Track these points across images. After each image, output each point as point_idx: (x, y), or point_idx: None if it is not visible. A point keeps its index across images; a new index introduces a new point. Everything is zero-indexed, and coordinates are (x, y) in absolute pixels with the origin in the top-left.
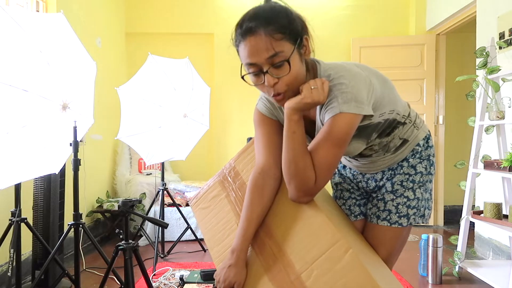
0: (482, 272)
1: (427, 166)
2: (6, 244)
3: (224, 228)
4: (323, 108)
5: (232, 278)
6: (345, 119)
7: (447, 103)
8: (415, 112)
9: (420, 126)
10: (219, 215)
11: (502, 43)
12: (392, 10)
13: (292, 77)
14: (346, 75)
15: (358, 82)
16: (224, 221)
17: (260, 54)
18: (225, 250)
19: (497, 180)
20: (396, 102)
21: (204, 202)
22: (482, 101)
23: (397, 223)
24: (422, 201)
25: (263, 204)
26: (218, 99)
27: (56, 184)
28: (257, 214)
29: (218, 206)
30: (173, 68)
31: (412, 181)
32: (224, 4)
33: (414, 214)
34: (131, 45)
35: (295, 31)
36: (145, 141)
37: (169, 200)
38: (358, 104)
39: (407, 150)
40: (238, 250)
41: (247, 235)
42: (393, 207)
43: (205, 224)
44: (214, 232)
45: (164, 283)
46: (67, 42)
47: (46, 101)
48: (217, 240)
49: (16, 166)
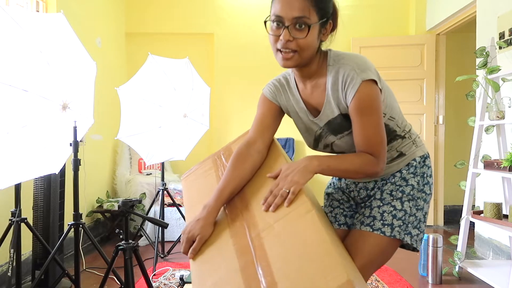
0: (482, 272)
1: (420, 182)
2: (6, 244)
3: (203, 198)
4: (342, 88)
5: (196, 230)
6: (369, 86)
7: (447, 103)
8: (416, 133)
9: (419, 145)
10: (202, 187)
11: (502, 43)
12: (392, 10)
13: (306, 43)
14: (356, 56)
15: (367, 61)
16: (204, 192)
17: (291, 10)
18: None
19: (497, 180)
20: (396, 112)
21: (193, 175)
22: (482, 101)
23: (379, 230)
24: (411, 217)
25: (243, 171)
26: (218, 99)
27: (56, 184)
28: (235, 177)
29: (205, 179)
30: (173, 68)
31: (402, 192)
32: (224, 4)
33: (399, 227)
34: (131, 45)
35: (326, 10)
36: (145, 141)
37: (169, 200)
38: (373, 73)
39: (403, 163)
40: (210, 206)
41: (222, 195)
42: (378, 214)
43: (188, 194)
44: (193, 202)
45: (164, 283)
46: (67, 42)
47: (46, 101)
48: (193, 208)
49: (16, 166)
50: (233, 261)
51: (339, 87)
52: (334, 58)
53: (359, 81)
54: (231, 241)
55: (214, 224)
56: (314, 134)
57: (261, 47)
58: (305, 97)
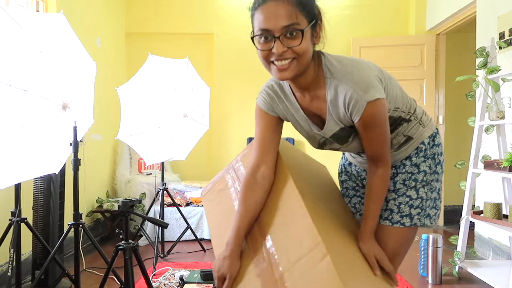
0: (482, 272)
1: (432, 165)
2: (6, 244)
3: (225, 222)
4: (345, 109)
5: (225, 269)
6: (375, 106)
7: (447, 103)
8: (422, 109)
9: (427, 124)
10: (222, 209)
11: (502, 43)
12: (392, 10)
13: (301, 49)
14: (353, 69)
15: (366, 74)
16: (226, 215)
17: (278, 20)
18: (224, 243)
19: (497, 180)
20: (401, 100)
21: (212, 194)
22: (482, 101)
23: (399, 223)
24: (427, 201)
25: (254, 202)
26: (218, 99)
27: (56, 184)
28: (247, 211)
29: (223, 200)
30: (173, 68)
31: (415, 180)
32: (224, 4)
33: (418, 214)
34: (131, 45)
35: (313, 12)
36: (145, 141)
37: (169, 200)
38: (376, 89)
39: (411, 148)
40: (231, 243)
41: (239, 230)
42: (395, 207)
43: (211, 216)
44: (216, 225)
45: (164, 283)
46: (67, 42)
47: (46, 101)
48: (218, 233)
49: (16, 166)
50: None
51: (341, 106)
52: (329, 68)
53: (364, 104)
54: (257, 280)
55: (239, 259)
56: (318, 141)
57: None
58: (305, 106)
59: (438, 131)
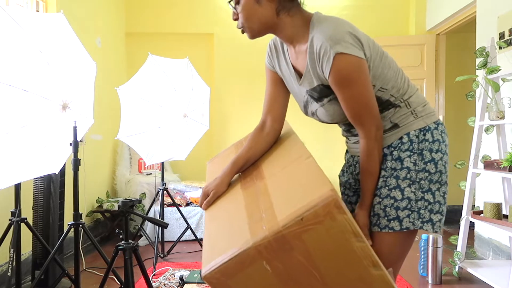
0: (482, 272)
1: (418, 161)
2: (6, 244)
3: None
4: (317, 61)
5: (212, 186)
6: (344, 59)
7: (447, 103)
8: (423, 100)
9: (420, 116)
10: (223, 164)
11: (502, 43)
12: (392, 10)
13: (243, 16)
14: (331, 22)
15: (342, 29)
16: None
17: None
18: None
19: (497, 180)
20: (391, 83)
21: (217, 159)
22: (482, 101)
23: (387, 228)
24: (418, 202)
25: (258, 144)
26: (218, 99)
27: (56, 184)
28: (250, 148)
29: (226, 159)
30: (173, 68)
31: (396, 177)
32: (224, 4)
33: (408, 217)
34: (131, 45)
35: None
36: (145, 141)
37: (169, 200)
38: (347, 44)
39: (394, 136)
40: (226, 171)
41: (238, 161)
42: (381, 211)
43: (210, 170)
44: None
45: (164, 283)
46: (67, 42)
47: (46, 101)
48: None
49: (16, 166)
50: (240, 203)
51: (315, 59)
52: (314, 23)
53: (333, 55)
54: (240, 192)
55: (228, 184)
56: (303, 100)
57: (261, 47)
58: (292, 61)
59: (440, 128)
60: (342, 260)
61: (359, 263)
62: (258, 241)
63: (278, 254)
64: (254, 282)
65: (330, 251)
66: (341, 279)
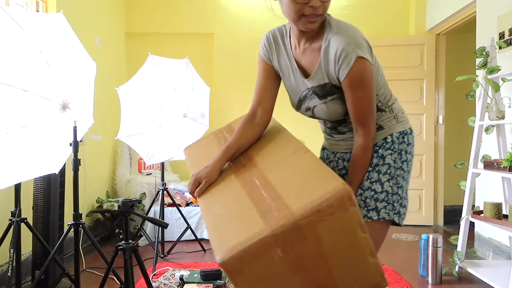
0: (482, 272)
1: (397, 160)
2: (6, 244)
3: (206, 159)
4: (335, 62)
5: (203, 174)
6: (363, 63)
7: (447, 103)
8: (401, 108)
9: (401, 121)
10: (205, 151)
11: (502, 43)
12: (392, 10)
13: (328, 5)
14: (350, 28)
15: (360, 35)
16: (208, 154)
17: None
18: None
19: (497, 180)
20: (381, 90)
21: (195, 145)
22: (482, 101)
23: (366, 217)
24: (394, 196)
25: (249, 133)
26: (218, 99)
27: (56, 184)
28: (241, 137)
29: (208, 147)
30: (173, 68)
31: (378, 172)
32: (224, 4)
33: (385, 208)
34: (131, 45)
35: None
36: (145, 141)
37: (169, 200)
38: (366, 50)
39: (380, 137)
40: (217, 158)
41: (229, 150)
42: (362, 202)
43: (191, 156)
44: (197, 162)
45: (164, 283)
46: (67, 42)
47: (46, 101)
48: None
49: (16, 166)
50: (238, 190)
51: (331, 60)
52: (331, 24)
53: (354, 58)
54: (235, 180)
55: (219, 172)
56: (299, 95)
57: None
58: (296, 56)
59: (413, 132)
60: (347, 248)
61: (361, 252)
62: (275, 229)
63: (292, 242)
64: (266, 268)
65: (338, 240)
66: (344, 266)
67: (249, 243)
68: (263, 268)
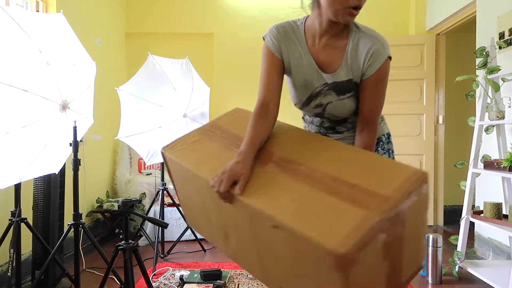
0: (482, 272)
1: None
2: (6, 244)
3: (211, 155)
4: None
5: (238, 170)
6: (388, 63)
7: (447, 103)
8: None
9: (385, 123)
10: (203, 151)
11: (502, 43)
12: (392, 10)
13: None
14: (375, 30)
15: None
16: (209, 153)
17: None
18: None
19: (497, 180)
20: None
21: (181, 145)
22: (482, 101)
23: None
24: None
25: (265, 127)
26: (218, 99)
27: (56, 184)
28: (261, 130)
29: (201, 146)
30: (173, 68)
31: None
32: (224, 4)
33: None
34: (131, 45)
35: None
36: (145, 141)
37: (169, 200)
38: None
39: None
40: (246, 151)
41: (254, 143)
42: None
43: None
44: (196, 161)
45: (164, 283)
46: (67, 42)
47: (46, 101)
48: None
49: (16, 166)
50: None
51: (361, 57)
52: (356, 24)
53: (385, 57)
54: (281, 174)
55: (252, 167)
56: (311, 91)
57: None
58: (314, 52)
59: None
60: (416, 231)
61: (423, 233)
62: (382, 213)
63: (392, 226)
64: (371, 257)
65: (414, 222)
66: (410, 248)
67: (362, 231)
68: (369, 257)
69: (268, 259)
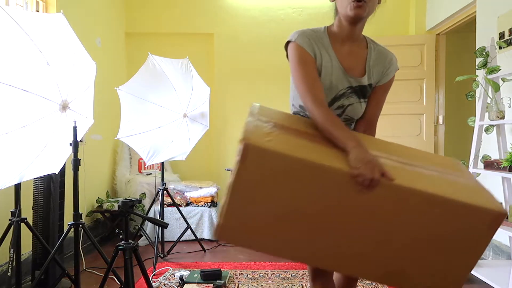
0: (482, 272)
1: None
2: (6, 244)
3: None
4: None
5: (375, 158)
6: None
7: (447, 103)
8: None
9: None
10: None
11: (502, 43)
12: (392, 10)
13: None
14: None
15: None
16: (303, 144)
17: None
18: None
19: (497, 180)
20: None
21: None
22: (482, 101)
23: None
24: None
25: None
26: (218, 99)
27: (56, 184)
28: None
29: (285, 138)
30: (173, 68)
31: None
32: (224, 4)
33: None
34: (131, 45)
35: None
36: (145, 141)
37: (169, 200)
38: None
39: None
40: (363, 144)
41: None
42: None
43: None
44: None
45: (164, 283)
46: (67, 42)
47: (46, 101)
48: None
49: (16, 166)
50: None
51: (381, 66)
52: (371, 39)
53: (397, 69)
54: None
55: None
56: (336, 93)
57: (261, 47)
58: (340, 57)
59: None
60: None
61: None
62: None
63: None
64: None
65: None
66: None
67: (499, 212)
68: None
69: (386, 245)
